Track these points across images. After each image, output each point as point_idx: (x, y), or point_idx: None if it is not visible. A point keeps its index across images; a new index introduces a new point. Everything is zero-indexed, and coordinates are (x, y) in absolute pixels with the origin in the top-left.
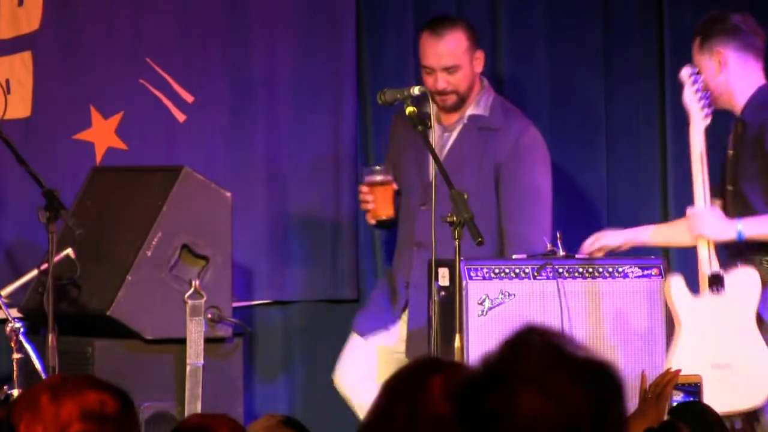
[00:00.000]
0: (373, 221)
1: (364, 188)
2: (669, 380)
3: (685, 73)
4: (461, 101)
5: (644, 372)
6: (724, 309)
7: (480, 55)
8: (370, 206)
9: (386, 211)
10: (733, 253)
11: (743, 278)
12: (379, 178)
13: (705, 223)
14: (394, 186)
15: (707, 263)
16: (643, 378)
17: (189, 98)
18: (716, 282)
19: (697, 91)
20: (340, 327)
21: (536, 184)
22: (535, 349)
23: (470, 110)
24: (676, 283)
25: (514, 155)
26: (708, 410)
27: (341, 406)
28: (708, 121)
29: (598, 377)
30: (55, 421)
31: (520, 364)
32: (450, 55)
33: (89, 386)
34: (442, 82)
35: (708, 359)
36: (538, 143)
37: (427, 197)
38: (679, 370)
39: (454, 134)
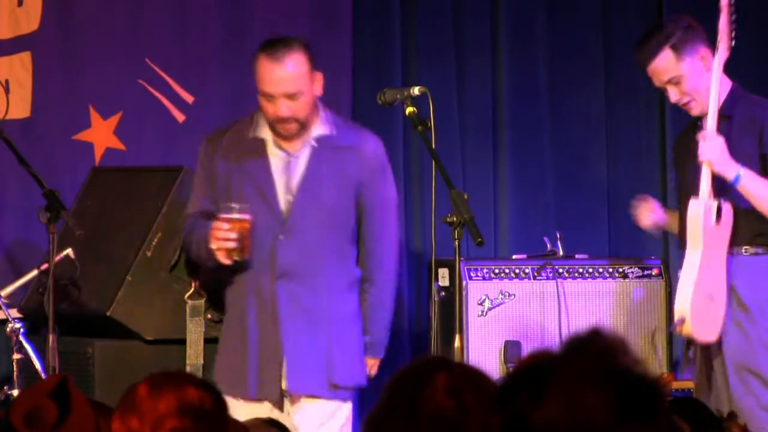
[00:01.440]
0: (228, 261)
1: (225, 224)
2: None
3: (726, 1)
4: (302, 128)
5: None
6: (718, 240)
7: (320, 78)
8: (230, 245)
9: (245, 253)
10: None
11: (727, 212)
12: (238, 216)
13: (715, 149)
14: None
15: (709, 192)
16: None
17: (189, 98)
18: (719, 212)
19: (732, 22)
20: None
21: (395, 200)
22: (582, 357)
23: (315, 132)
24: (707, 207)
25: (374, 172)
26: (703, 406)
27: None
28: (727, 55)
29: (634, 395)
30: (152, 414)
31: (560, 369)
32: (291, 81)
33: (188, 381)
34: (283, 109)
35: (707, 289)
36: (387, 159)
37: (285, 229)
38: (674, 375)
39: (303, 158)
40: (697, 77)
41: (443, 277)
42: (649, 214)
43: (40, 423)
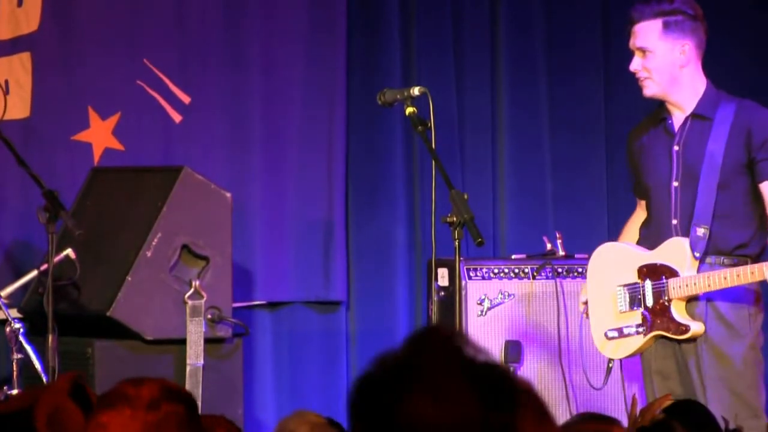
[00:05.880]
0: None
1: None
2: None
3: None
4: None
5: (635, 396)
6: None
7: None
8: None
9: None
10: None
11: None
12: None
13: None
14: None
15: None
16: (633, 402)
17: (185, 99)
18: None
19: None
20: (327, 329)
21: None
22: (434, 351)
23: None
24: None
25: None
26: (701, 408)
27: (331, 407)
28: None
29: (493, 383)
30: (142, 399)
31: (417, 366)
32: None
33: (161, 379)
34: None
35: None
36: None
37: None
38: (669, 395)
39: None
40: (666, 64)
41: (443, 277)
42: None
43: (64, 425)
